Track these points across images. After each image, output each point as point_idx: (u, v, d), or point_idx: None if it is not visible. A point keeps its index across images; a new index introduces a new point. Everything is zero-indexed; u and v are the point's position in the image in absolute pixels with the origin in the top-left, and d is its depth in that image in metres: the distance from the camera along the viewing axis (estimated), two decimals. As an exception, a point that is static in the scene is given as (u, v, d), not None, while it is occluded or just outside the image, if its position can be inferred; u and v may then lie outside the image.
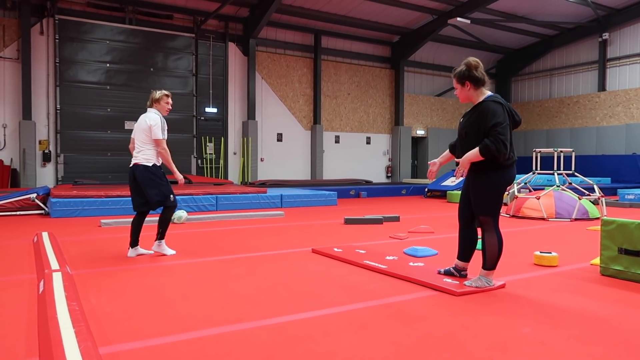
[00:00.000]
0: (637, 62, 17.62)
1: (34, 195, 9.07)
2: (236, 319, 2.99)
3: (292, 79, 16.98)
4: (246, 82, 15.97)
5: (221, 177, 15.56)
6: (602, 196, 9.17)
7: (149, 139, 4.78)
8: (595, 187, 9.32)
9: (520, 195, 9.36)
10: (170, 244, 5.36)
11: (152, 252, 5.04)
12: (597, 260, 4.45)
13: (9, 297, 3.47)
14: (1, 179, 12.49)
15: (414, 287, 3.76)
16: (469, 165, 3.54)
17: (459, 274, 3.89)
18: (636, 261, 3.92)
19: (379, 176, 19.03)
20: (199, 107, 15.32)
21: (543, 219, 8.57)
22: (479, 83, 3.59)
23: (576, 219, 8.47)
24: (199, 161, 15.44)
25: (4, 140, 12.89)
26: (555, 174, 9.60)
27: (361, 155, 18.57)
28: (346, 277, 4.11)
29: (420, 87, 20.17)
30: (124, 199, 9.03)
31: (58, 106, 13.31)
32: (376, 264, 4.39)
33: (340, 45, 18.00)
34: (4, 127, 12.88)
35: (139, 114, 5.01)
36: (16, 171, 12.91)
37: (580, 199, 8.72)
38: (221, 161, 15.73)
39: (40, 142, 13.19)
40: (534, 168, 9.94)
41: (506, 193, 9.99)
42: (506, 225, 7.65)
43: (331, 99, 17.81)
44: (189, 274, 4.22)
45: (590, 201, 9.38)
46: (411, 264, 4.47)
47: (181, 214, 7.91)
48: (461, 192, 3.83)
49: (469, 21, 16.07)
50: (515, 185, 9.71)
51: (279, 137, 16.81)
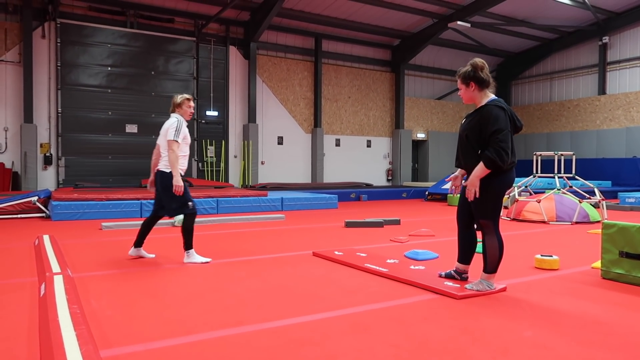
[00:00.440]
0: (637, 65, 17.64)
1: (35, 198, 9.08)
2: (237, 322, 2.99)
3: (292, 82, 17.01)
4: (247, 85, 16.00)
5: (222, 180, 15.56)
6: (602, 199, 9.16)
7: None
8: (596, 190, 9.31)
9: (521, 199, 9.36)
10: (171, 247, 5.36)
11: (153, 256, 5.03)
12: (598, 264, 4.45)
13: (10, 300, 3.48)
14: (2, 182, 12.50)
15: (415, 290, 3.76)
16: (479, 182, 3.48)
17: (460, 277, 3.89)
18: (637, 264, 3.92)
19: (379, 179, 19.04)
20: (199, 111, 15.33)
21: (544, 222, 8.56)
22: (483, 84, 3.59)
23: (577, 222, 8.46)
24: (200, 164, 15.45)
25: (6, 143, 12.91)
26: (556, 177, 9.60)
27: (362, 158, 18.58)
28: (347, 280, 4.11)
29: (420, 91, 20.20)
30: (125, 202, 9.05)
31: (59, 109, 13.34)
32: (377, 267, 4.39)
33: (341, 48, 18.03)
34: (6, 130, 12.90)
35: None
36: (17, 174, 12.93)
37: (581, 202, 8.72)
38: (222, 164, 15.74)
39: (41, 145, 13.21)
40: (534, 171, 9.93)
41: (507, 196, 9.99)
42: (507, 228, 7.65)
43: (332, 102, 17.84)
44: (190, 277, 4.22)
45: (591, 204, 9.38)
46: (412, 267, 4.47)
47: (181, 217, 7.92)
48: (460, 194, 3.82)
49: (469, 25, 16.09)
50: (516, 188, 9.70)
51: (280, 140, 16.82)
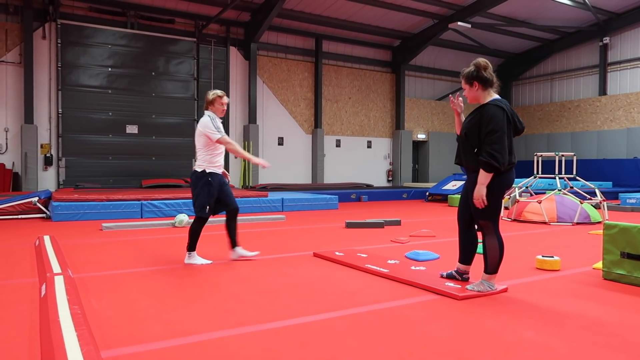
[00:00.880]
0: (638, 66, 17.64)
1: (36, 199, 9.08)
2: (238, 322, 2.98)
3: (293, 83, 17.01)
4: (247, 86, 16.01)
5: (222, 181, 15.53)
6: (603, 200, 9.15)
7: (201, 145, 4.73)
8: (597, 191, 9.30)
9: (522, 200, 9.35)
10: (172, 248, 5.36)
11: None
12: (599, 265, 4.44)
13: (11, 300, 3.47)
14: (3, 182, 12.50)
15: (416, 291, 3.75)
16: (485, 190, 3.46)
17: (461, 277, 3.88)
18: (638, 265, 3.91)
19: (380, 180, 19.03)
20: (200, 111, 15.33)
21: (545, 223, 8.55)
22: (487, 84, 3.59)
23: (578, 223, 8.45)
24: (200, 165, 15.43)
25: (6, 144, 12.92)
26: (557, 178, 9.59)
27: (362, 159, 18.57)
28: (348, 281, 4.10)
29: (421, 91, 20.20)
30: (126, 202, 9.05)
31: (60, 110, 13.34)
32: (378, 268, 4.39)
33: (341, 49, 18.03)
34: (6, 131, 12.91)
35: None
36: (18, 175, 12.93)
37: (581, 203, 8.70)
38: (222, 165, 15.72)
39: (42, 145, 13.21)
40: (535, 172, 9.92)
41: (507, 197, 9.98)
42: (508, 229, 7.64)
43: (332, 103, 17.84)
44: (190, 278, 4.21)
45: (592, 205, 9.36)
46: (413, 267, 4.47)
47: (182, 217, 7.95)
48: (460, 195, 3.83)
49: (469, 25, 16.09)
50: (517, 189, 9.69)
51: (280, 141, 16.82)
